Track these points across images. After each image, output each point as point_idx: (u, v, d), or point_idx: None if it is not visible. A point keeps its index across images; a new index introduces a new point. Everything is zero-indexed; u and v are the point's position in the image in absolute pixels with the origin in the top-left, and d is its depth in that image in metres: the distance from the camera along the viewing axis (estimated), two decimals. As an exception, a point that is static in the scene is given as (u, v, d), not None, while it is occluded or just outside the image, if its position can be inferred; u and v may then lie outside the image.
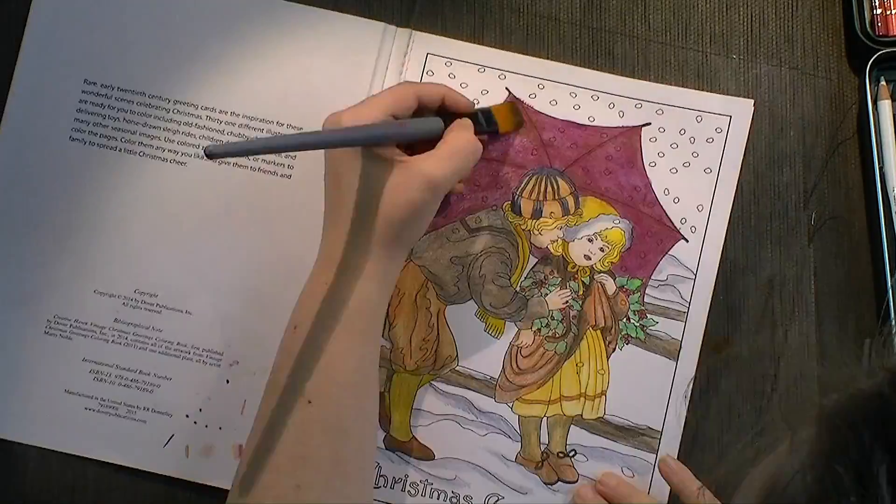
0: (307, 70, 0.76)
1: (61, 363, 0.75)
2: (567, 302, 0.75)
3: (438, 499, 0.74)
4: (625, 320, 0.74)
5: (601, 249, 0.75)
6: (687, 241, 0.74)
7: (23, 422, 0.75)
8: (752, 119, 0.75)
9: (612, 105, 0.75)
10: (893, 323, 0.71)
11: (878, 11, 0.73)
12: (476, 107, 0.73)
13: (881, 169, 0.72)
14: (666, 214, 0.74)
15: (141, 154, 0.76)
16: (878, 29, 0.73)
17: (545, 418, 0.74)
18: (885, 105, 0.73)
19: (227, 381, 0.74)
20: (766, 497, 0.43)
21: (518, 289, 0.75)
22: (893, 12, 0.73)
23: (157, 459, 0.74)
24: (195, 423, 0.74)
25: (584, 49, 0.76)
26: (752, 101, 0.75)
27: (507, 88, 0.76)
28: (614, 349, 0.74)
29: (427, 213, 0.67)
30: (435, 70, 0.76)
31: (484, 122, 0.72)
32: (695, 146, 0.75)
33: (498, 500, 0.74)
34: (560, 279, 0.75)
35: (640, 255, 0.75)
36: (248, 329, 0.74)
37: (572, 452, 0.74)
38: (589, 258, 0.75)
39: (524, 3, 0.77)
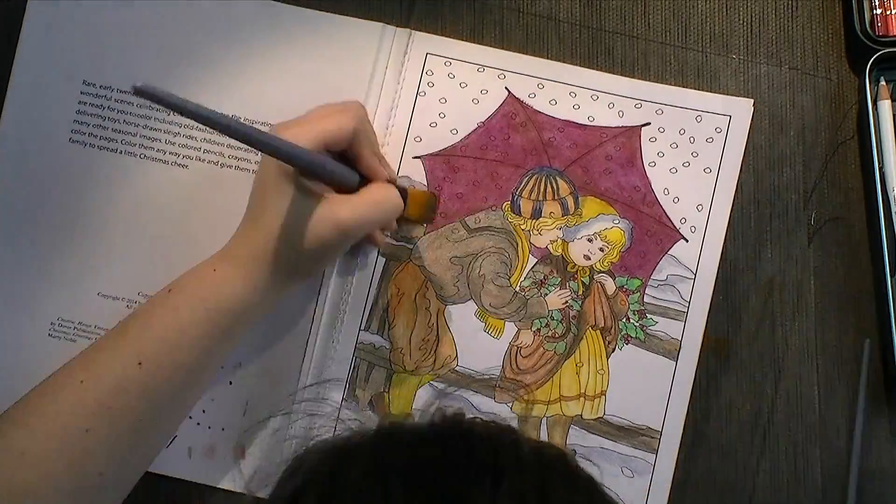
0: (307, 71, 0.76)
1: (64, 365, 0.75)
2: (567, 302, 0.75)
3: (439, 498, 0.74)
4: (624, 320, 0.74)
5: (601, 249, 0.75)
6: (687, 241, 0.74)
7: (26, 423, 0.75)
8: (752, 119, 0.75)
9: (611, 105, 0.75)
10: (893, 323, 0.71)
11: (878, 11, 0.73)
12: (397, 180, 0.73)
13: (881, 169, 0.72)
14: (666, 214, 0.74)
15: (142, 156, 0.76)
16: (878, 29, 0.73)
17: (545, 418, 0.74)
18: (885, 105, 0.73)
19: (230, 383, 0.75)
20: None
21: (518, 289, 0.75)
22: (893, 12, 0.72)
23: (161, 460, 0.74)
24: (198, 424, 0.75)
25: (584, 49, 0.76)
26: (751, 101, 0.75)
27: (506, 88, 0.76)
28: (614, 349, 0.74)
29: (331, 253, 0.69)
30: (434, 70, 0.76)
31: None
32: (694, 146, 0.75)
33: (498, 499, 0.74)
34: (560, 279, 0.75)
35: (639, 254, 0.75)
36: (250, 331, 0.74)
37: (572, 452, 0.74)
38: (588, 258, 0.75)
39: (524, 3, 0.77)
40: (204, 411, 0.75)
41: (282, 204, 0.65)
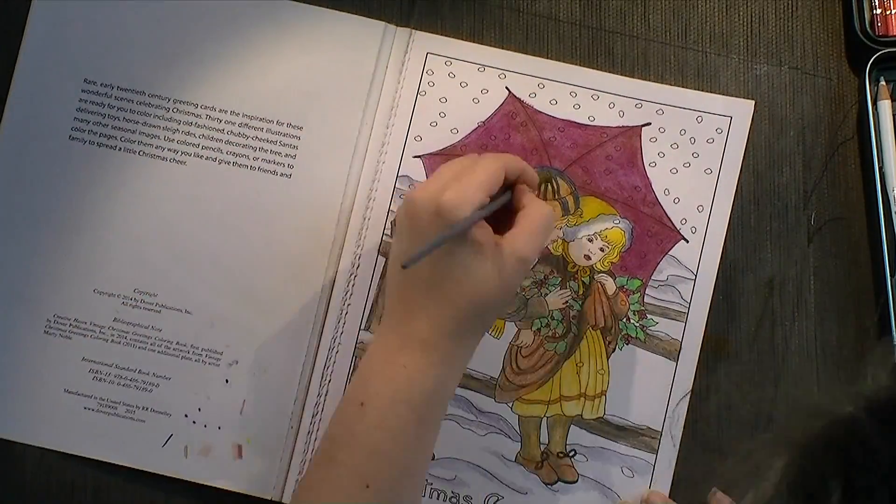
0: (307, 69, 0.76)
1: (61, 363, 0.75)
2: (567, 302, 0.75)
3: (438, 499, 0.74)
4: (625, 320, 0.74)
5: (601, 249, 0.75)
6: (687, 241, 0.74)
7: (22, 421, 0.75)
8: (752, 119, 0.75)
9: (612, 105, 0.75)
10: (893, 323, 0.71)
11: (878, 11, 0.73)
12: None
13: (881, 169, 0.72)
14: (666, 215, 0.74)
15: (141, 153, 0.76)
16: (878, 29, 0.73)
17: (545, 418, 0.74)
18: (885, 105, 0.73)
19: (227, 381, 0.74)
20: None
21: (518, 289, 0.75)
22: (893, 12, 0.73)
23: (156, 459, 0.74)
24: (194, 422, 0.74)
25: (584, 49, 0.76)
26: (752, 103, 0.75)
27: (507, 88, 0.76)
28: (614, 349, 0.74)
29: (515, 292, 0.68)
30: (435, 69, 0.76)
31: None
32: (695, 146, 0.75)
33: (498, 500, 0.74)
34: (560, 279, 0.75)
35: (640, 255, 0.74)
36: (248, 329, 0.74)
37: (572, 452, 0.74)
38: (589, 258, 0.75)
39: (524, 3, 0.77)
40: (200, 409, 0.74)
41: (461, 267, 0.61)
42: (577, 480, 0.74)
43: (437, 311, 0.62)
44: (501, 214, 0.65)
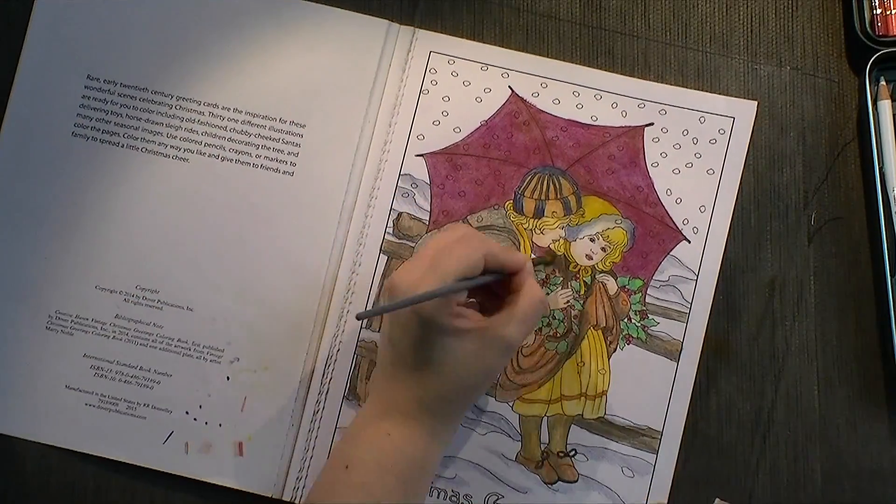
0: (310, 66, 0.76)
1: (62, 359, 0.75)
2: (568, 301, 0.75)
3: (439, 497, 0.73)
4: (626, 320, 0.74)
5: (603, 249, 0.75)
6: (689, 241, 0.74)
7: (23, 417, 0.74)
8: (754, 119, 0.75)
9: (614, 105, 0.76)
10: (893, 323, 0.71)
11: (878, 11, 0.74)
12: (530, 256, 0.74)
13: (881, 169, 0.73)
14: (668, 215, 0.75)
15: (143, 150, 0.76)
16: (878, 29, 0.73)
17: (546, 418, 0.74)
18: (885, 105, 0.73)
19: (228, 378, 0.74)
20: None
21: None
22: (893, 12, 0.73)
23: (157, 456, 0.74)
24: (195, 419, 0.74)
25: (584, 48, 0.77)
26: (755, 104, 0.75)
27: (510, 87, 0.76)
28: (615, 349, 0.74)
29: (498, 373, 0.69)
30: (438, 68, 0.76)
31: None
32: (697, 147, 0.75)
33: (498, 499, 0.74)
34: (561, 279, 0.75)
35: (641, 255, 0.75)
36: (249, 326, 0.74)
37: (573, 452, 0.74)
38: (591, 258, 0.75)
39: (524, 2, 0.77)
40: (201, 406, 0.74)
41: (442, 351, 0.62)
42: (577, 480, 0.74)
43: (419, 388, 0.64)
44: (498, 288, 0.66)
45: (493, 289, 0.67)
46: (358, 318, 0.58)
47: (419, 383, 0.64)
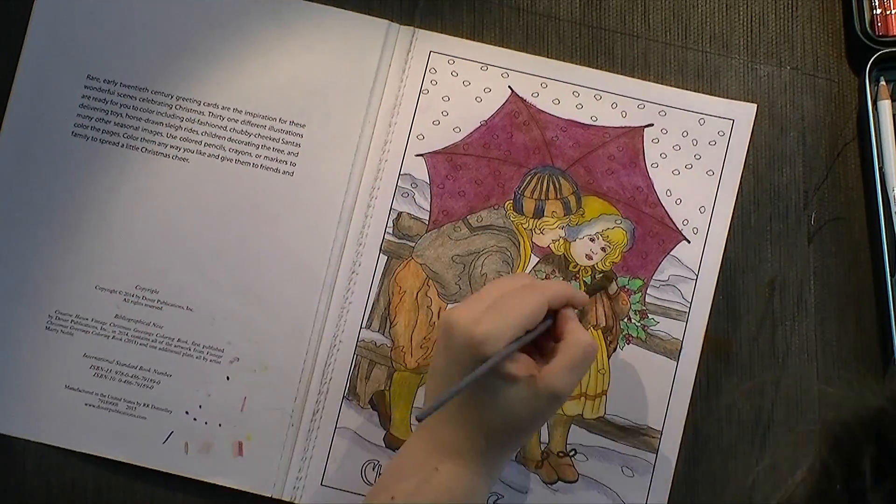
0: (310, 66, 0.76)
1: (62, 359, 0.75)
2: (568, 301, 0.75)
3: (438, 497, 0.73)
4: (626, 320, 0.74)
5: (603, 249, 0.75)
6: (689, 241, 0.74)
7: (23, 417, 0.74)
8: (754, 121, 0.75)
9: (614, 105, 0.76)
10: (893, 323, 0.71)
11: (878, 11, 0.74)
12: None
13: (881, 169, 0.73)
14: (668, 215, 0.75)
15: (143, 150, 0.76)
16: (878, 29, 0.73)
17: (546, 417, 0.74)
18: (885, 105, 0.73)
19: (228, 378, 0.74)
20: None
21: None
22: (893, 12, 0.73)
23: (157, 456, 0.74)
24: (195, 419, 0.74)
25: (584, 48, 0.77)
26: (754, 106, 0.75)
27: (509, 87, 0.76)
28: (615, 349, 0.74)
29: (546, 421, 0.70)
30: (438, 68, 0.76)
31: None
32: (697, 148, 0.75)
33: (498, 499, 0.74)
34: (561, 278, 0.75)
35: (641, 255, 0.75)
36: (249, 326, 0.74)
37: (572, 452, 0.74)
38: (590, 258, 0.75)
39: (524, 2, 0.77)
40: (201, 406, 0.74)
41: (494, 395, 0.62)
42: (577, 480, 0.74)
43: (469, 428, 0.63)
44: (544, 336, 0.65)
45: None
46: (419, 419, 0.59)
47: (469, 422, 0.63)
